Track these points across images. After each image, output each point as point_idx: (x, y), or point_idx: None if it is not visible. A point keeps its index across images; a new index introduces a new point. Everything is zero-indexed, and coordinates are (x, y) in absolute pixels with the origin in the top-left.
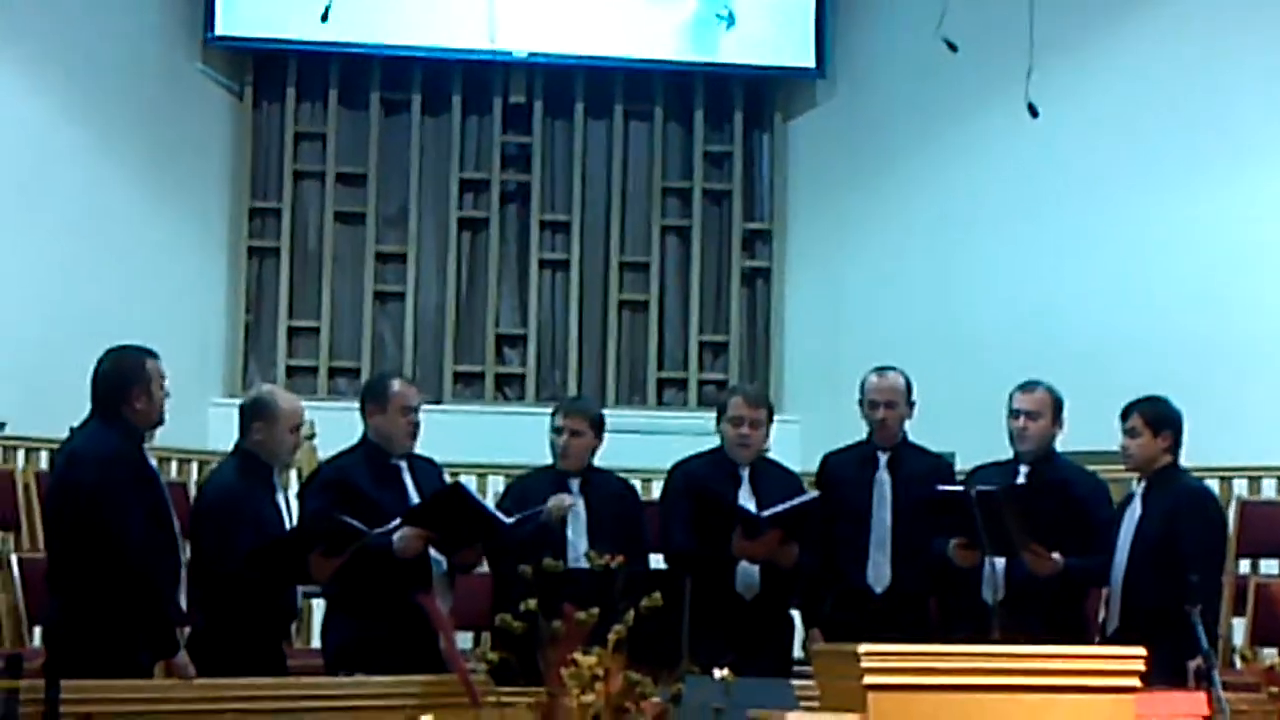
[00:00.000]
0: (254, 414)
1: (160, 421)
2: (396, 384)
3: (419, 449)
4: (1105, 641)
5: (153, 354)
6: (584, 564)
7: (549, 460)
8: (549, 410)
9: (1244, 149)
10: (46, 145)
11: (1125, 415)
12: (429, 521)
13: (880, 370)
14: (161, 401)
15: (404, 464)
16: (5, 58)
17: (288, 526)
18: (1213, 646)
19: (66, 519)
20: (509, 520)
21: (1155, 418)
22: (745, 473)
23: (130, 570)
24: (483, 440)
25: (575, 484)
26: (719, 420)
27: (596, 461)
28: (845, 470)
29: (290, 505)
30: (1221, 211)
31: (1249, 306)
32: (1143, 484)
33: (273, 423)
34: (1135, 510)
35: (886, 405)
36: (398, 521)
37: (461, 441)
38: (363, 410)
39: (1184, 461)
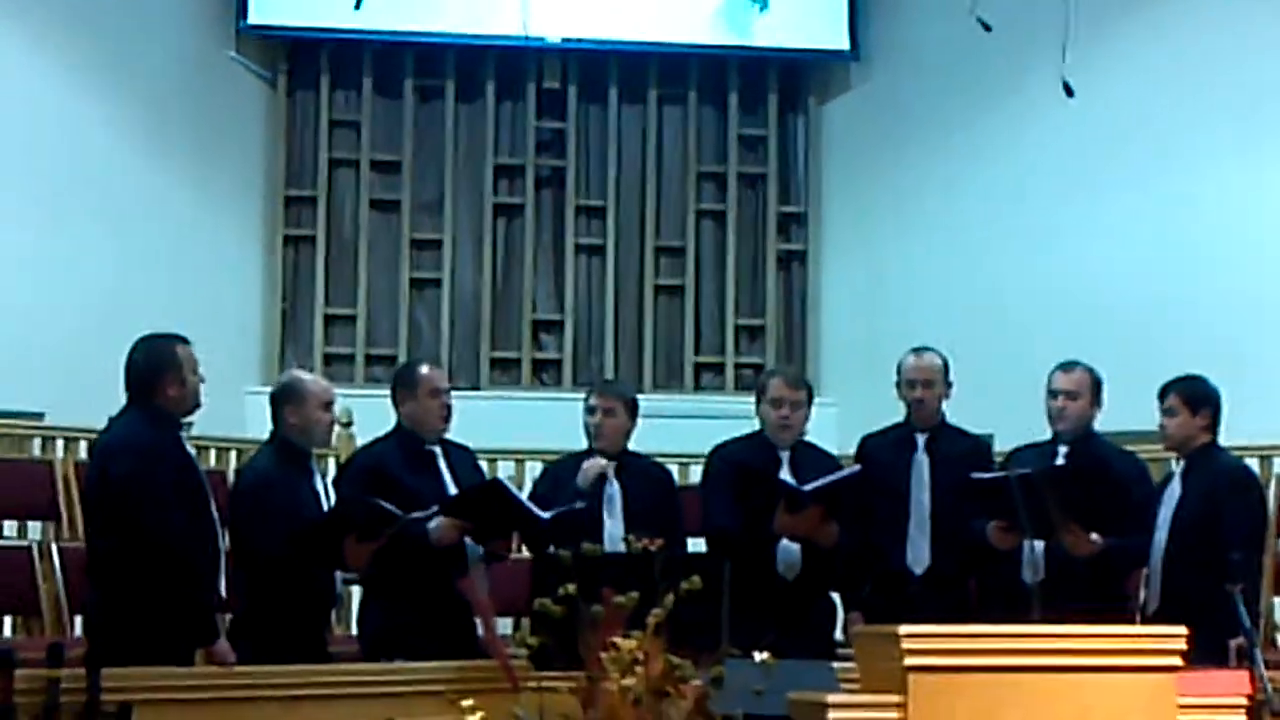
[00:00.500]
0: (284, 399)
1: (197, 405)
2: (424, 368)
3: (456, 435)
4: (1146, 621)
5: (184, 340)
6: (620, 549)
7: (585, 445)
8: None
9: None
10: (82, 136)
11: (1163, 395)
12: (465, 513)
13: (918, 351)
14: (196, 387)
15: (438, 450)
16: (41, 50)
17: (324, 510)
18: (1254, 625)
19: (103, 509)
20: (546, 515)
21: (1192, 396)
22: (785, 455)
23: (168, 559)
24: (520, 426)
25: (611, 469)
26: (758, 403)
27: (633, 446)
28: (883, 452)
29: (328, 491)
30: (1264, 187)
31: None
32: (1182, 464)
33: (302, 404)
34: (1175, 490)
35: (924, 385)
36: (435, 508)
37: (499, 428)
38: (394, 399)
39: (1224, 439)
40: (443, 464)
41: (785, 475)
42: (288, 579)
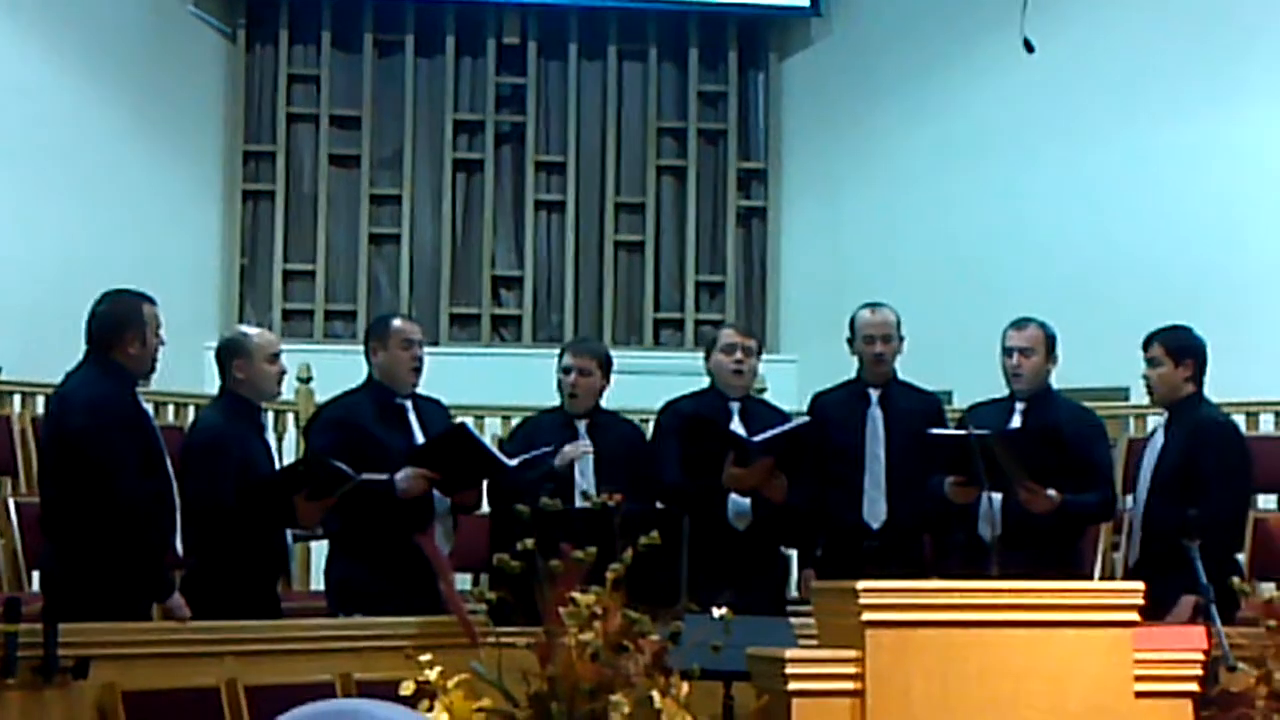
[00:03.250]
0: (230, 353)
1: (152, 369)
2: (397, 320)
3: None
4: (1127, 576)
5: (150, 299)
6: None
7: (547, 402)
8: (545, 351)
9: (1247, 73)
10: (37, 92)
11: (1146, 345)
12: (432, 462)
13: (872, 306)
14: (155, 348)
15: (409, 404)
16: None
17: (275, 464)
18: (1235, 575)
19: (58, 463)
20: (512, 462)
21: (1176, 346)
22: (736, 408)
23: (121, 514)
24: (480, 382)
25: (583, 426)
26: (707, 358)
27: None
28: (837, 409)
29: (280, 445)
30: (1226, 140)
31: (1258, 239)
32: (1165, 416)
33: (249, 358)
34: (1157, 442)
35: (883, 340)
36: (400, 474)
37: (458, 383)
38: (366, 350)
39: (1208, 396)
40: (413, 417)
41: (736, 428)
42: (239, 534)
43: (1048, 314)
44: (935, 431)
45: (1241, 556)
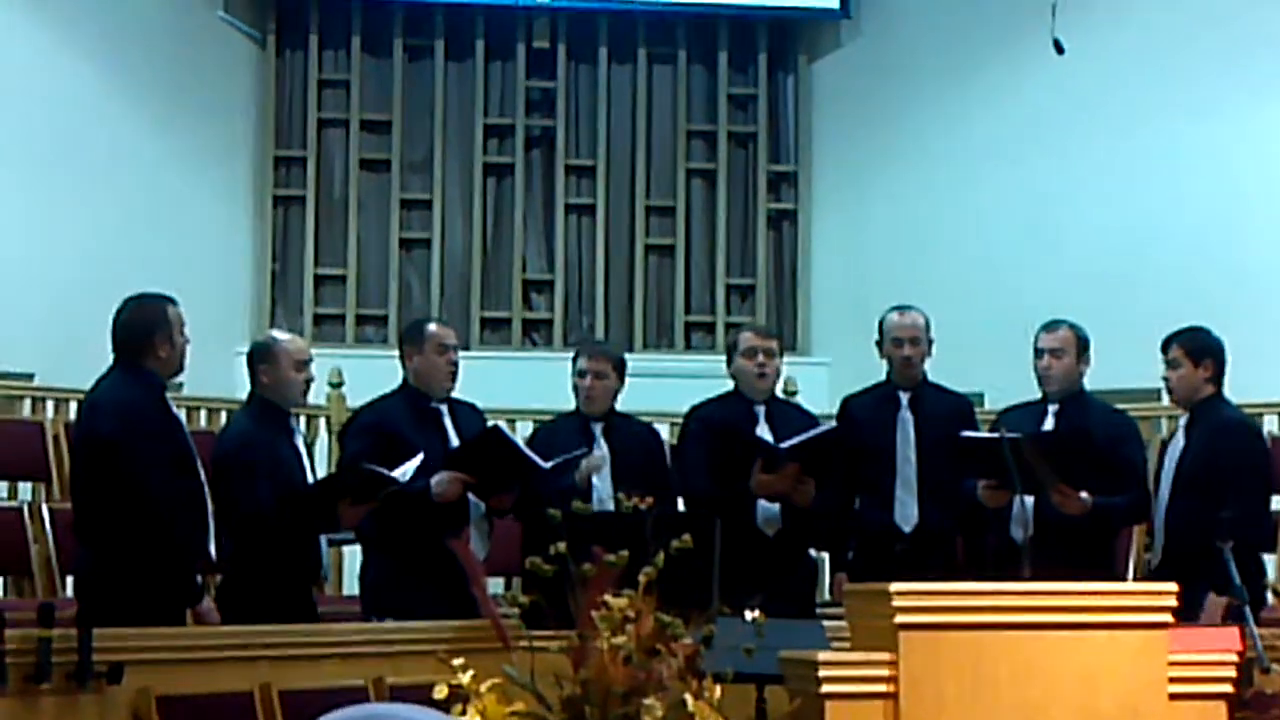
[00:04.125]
0: (258, 359)
1: (181, 369)
2: (432, 325)
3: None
4: (1149, 578)
5: (172, 300)
6: (609, 507)
7: (573, 406)
8: None
9: (1271, 76)
10: (71, 96)
11: (1165, 347)
12: (468, 465)
13: (901, 309)
14: (183, 348)
15: (444, 408)
16: (28, 10)
17: (306, 468)
18: (1261, 577)
19: (89, 468)
20: (547, 464)
21: (1195, 348)
22: (761, 411)
23: (152, 519)
24: (511, 386)
25: (599, 429)
26: (729, 362)
27: (621, 405)
28: (867, 412)
29: (310, 449)
30: (1251, 141)
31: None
32: (1185, 417)
33: (276, 363)
34: (1179, 443)
35: (911, 343)
36: (435, 477)
37: (490, 387)
38: (401, 355)
39: (1228, 396)
40: (448, 421)
41: (762, 431)
42: (274, 538)
43: (1079, 315)
44: (967, 435)
45: (1271, 558)
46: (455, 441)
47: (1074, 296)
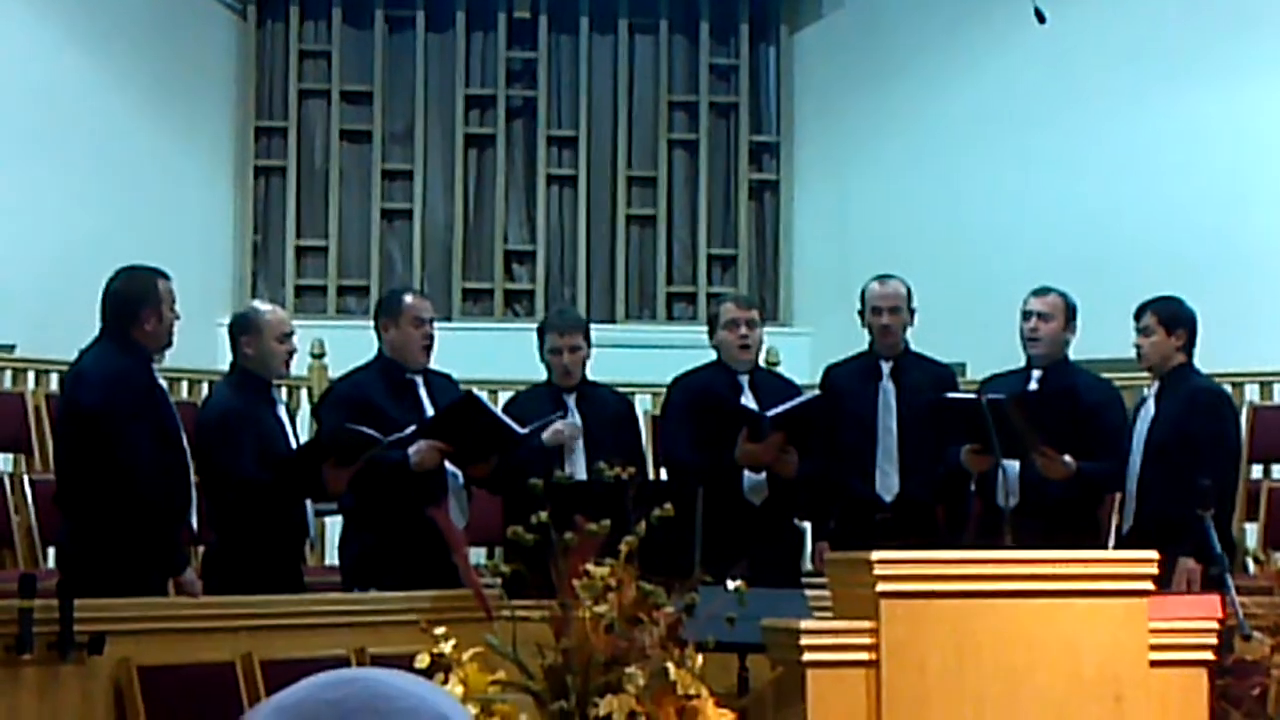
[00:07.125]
0: (240, 330)
1: (169, 344)
2: (409, 297)
3: (431, 365)
4: (1119, 544)
5: (165, 275)
6: (583, 477)
7: (545, 378)
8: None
9: (1258, 46)
10: (50, 69)
11: (1139, 315)
12: (445, 434)
13: (882, 278)
14: (171, 324)
15: (419, 379)
16: None
17: (291, 438)
18: (1225, 546)
19: (73, 438)
20: (523, 430)
21: (1169, 316)
22: (745, 380)
23: (135, 489)
24: (492, 357)
25: (571, 399)
26: (712, 334)
27: (604, 376)
28: (848, 381)
29: (293, 420)
30: (1237, 112)
31: (1265, 211)
32: (1155, 385)
33: (258, 335)
34: (1149, 411)
35: (890, 311)
36: (413, 429)
37: (471, 358)
38: (377, 326)
39: (1198, 366)
40: (423, 392)
41: (746, 400)
42: (260, 508)
43: (1060, 285)
44: (948, 395)
45: (1254, 526)
46: (431, 412)
47: (1055, 267)
